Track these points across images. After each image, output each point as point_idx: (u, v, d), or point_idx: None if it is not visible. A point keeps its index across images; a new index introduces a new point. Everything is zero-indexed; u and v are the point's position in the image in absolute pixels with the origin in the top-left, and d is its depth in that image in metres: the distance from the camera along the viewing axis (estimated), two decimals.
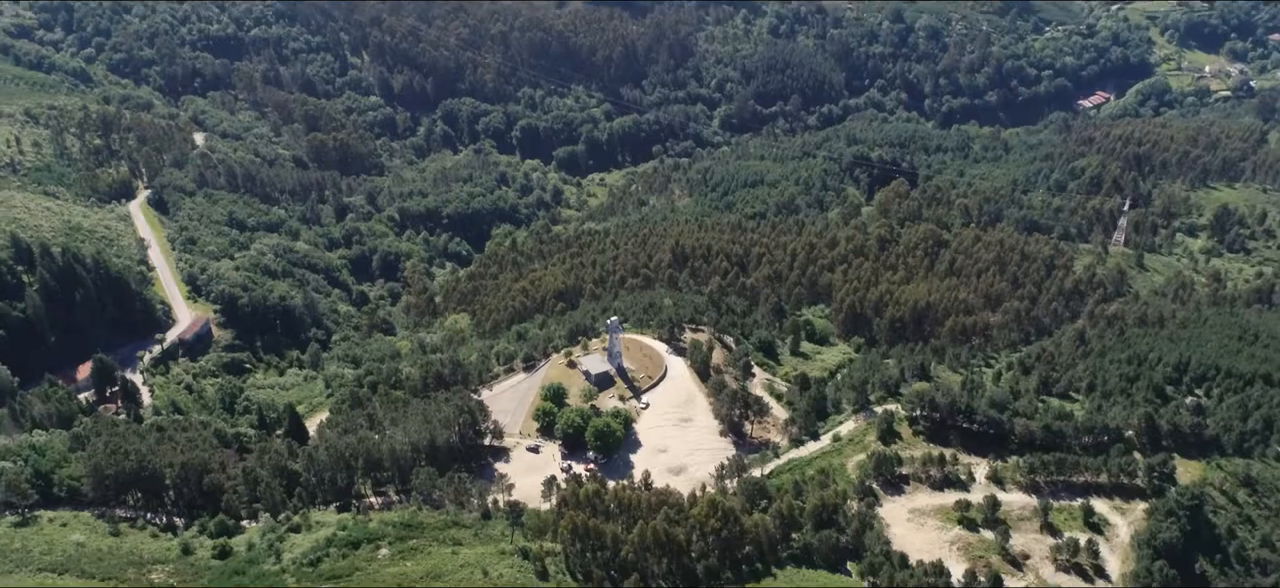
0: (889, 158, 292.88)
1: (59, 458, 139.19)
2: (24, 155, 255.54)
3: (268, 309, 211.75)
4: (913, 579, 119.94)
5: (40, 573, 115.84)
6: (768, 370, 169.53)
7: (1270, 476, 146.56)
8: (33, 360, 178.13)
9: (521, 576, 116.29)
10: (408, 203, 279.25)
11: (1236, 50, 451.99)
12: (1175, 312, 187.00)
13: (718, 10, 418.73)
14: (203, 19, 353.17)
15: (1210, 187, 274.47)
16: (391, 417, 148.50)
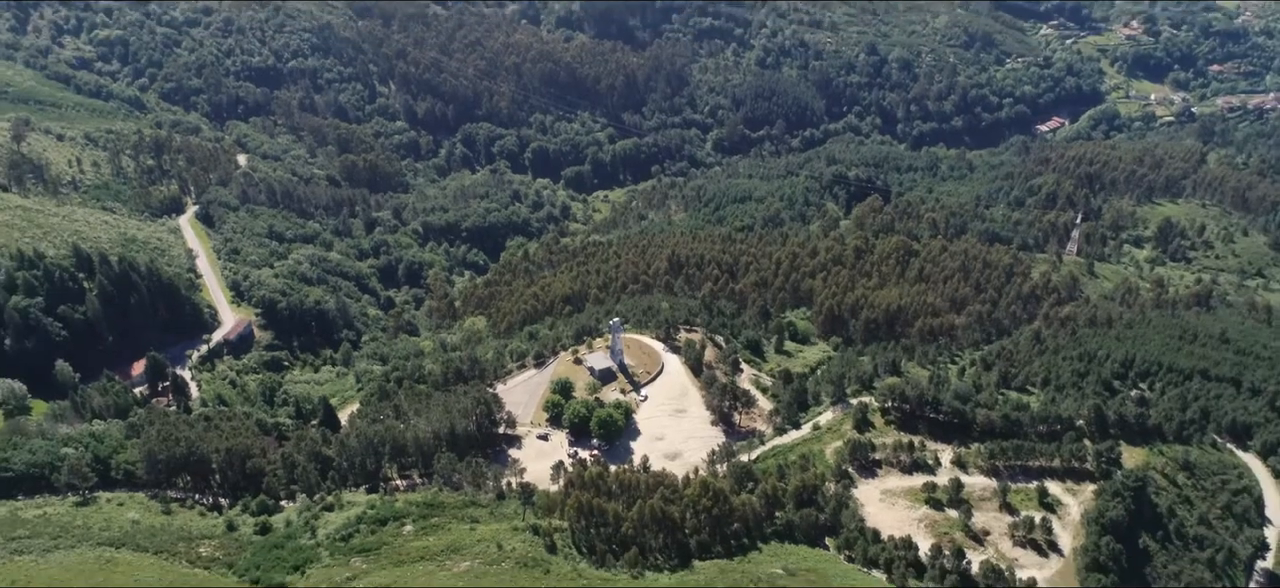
0: (865, 176, 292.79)
1: (116, 445, 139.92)
2: (84, 174, 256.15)
3: (304, 312, 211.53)
4: (884, 553, 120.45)
5: (99, 547, 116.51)
6: (754, 367, 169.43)
7: (1207, 461, 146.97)
8: (92, 359, 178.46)
9: (532, 549, 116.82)
10: (430, 217, 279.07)
11: (1179, 80, 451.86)
12: (1122, 314, 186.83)
13: (710, 44, 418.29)
14: (245, 52, 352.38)
15: (1155, 202, 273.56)
16: (415, 408, 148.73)
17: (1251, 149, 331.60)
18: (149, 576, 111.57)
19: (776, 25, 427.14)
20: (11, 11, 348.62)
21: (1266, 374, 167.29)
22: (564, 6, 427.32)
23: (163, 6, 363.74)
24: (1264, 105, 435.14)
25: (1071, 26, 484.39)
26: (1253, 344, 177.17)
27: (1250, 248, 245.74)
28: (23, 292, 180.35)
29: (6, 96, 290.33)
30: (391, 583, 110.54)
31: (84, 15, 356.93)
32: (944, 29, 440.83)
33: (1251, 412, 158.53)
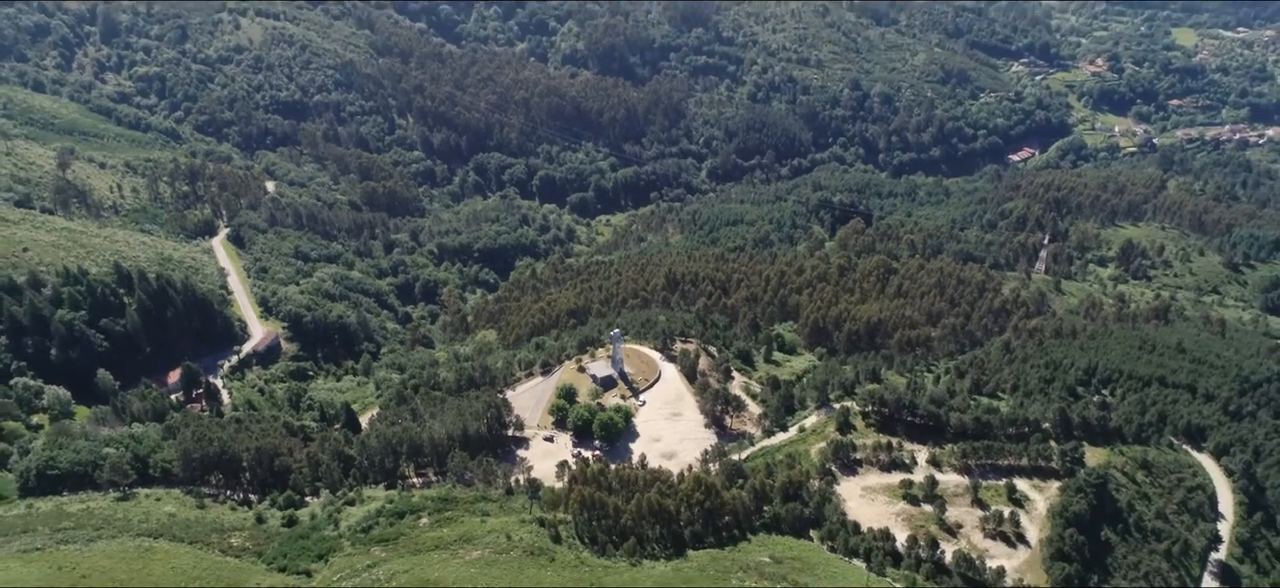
0: (848, 201, 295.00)
1: (154, 445, 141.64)
2: (124, 199, 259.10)
3: (328, 326, 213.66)
4: (864, 543, 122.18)
5: (139, 538, 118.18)
6: (745, 374, 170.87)
7: (1163, 460, 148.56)
8: (131, 368, 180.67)
9: (539, 539, 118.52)
10: (444, 239, 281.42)
11: (1142, 113, 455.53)
12: (1086, 326, 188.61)
13: (705, 80, 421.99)
14: (274, 87, 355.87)
15: (1118, 225, 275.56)
16: (431, 411, 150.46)
17: (1208, 176, 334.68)
18: (184, 563, 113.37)
19: (767, 63, 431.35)
20: (58, 50, 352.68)
21: (1220, 381, 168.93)
22: (569, 45, 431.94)
23: (198, 45, 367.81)
24: (1220, 136, 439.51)
25: (1041, 64, 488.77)
26: (1207, 354, 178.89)
27: (1206, 267, 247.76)
28: (68, 306, 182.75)
29: (53, 128, 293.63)
30: (408, 569, 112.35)
31: (124, 53, 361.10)
32: (922, 66, 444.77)
33: (1205, 416, 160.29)
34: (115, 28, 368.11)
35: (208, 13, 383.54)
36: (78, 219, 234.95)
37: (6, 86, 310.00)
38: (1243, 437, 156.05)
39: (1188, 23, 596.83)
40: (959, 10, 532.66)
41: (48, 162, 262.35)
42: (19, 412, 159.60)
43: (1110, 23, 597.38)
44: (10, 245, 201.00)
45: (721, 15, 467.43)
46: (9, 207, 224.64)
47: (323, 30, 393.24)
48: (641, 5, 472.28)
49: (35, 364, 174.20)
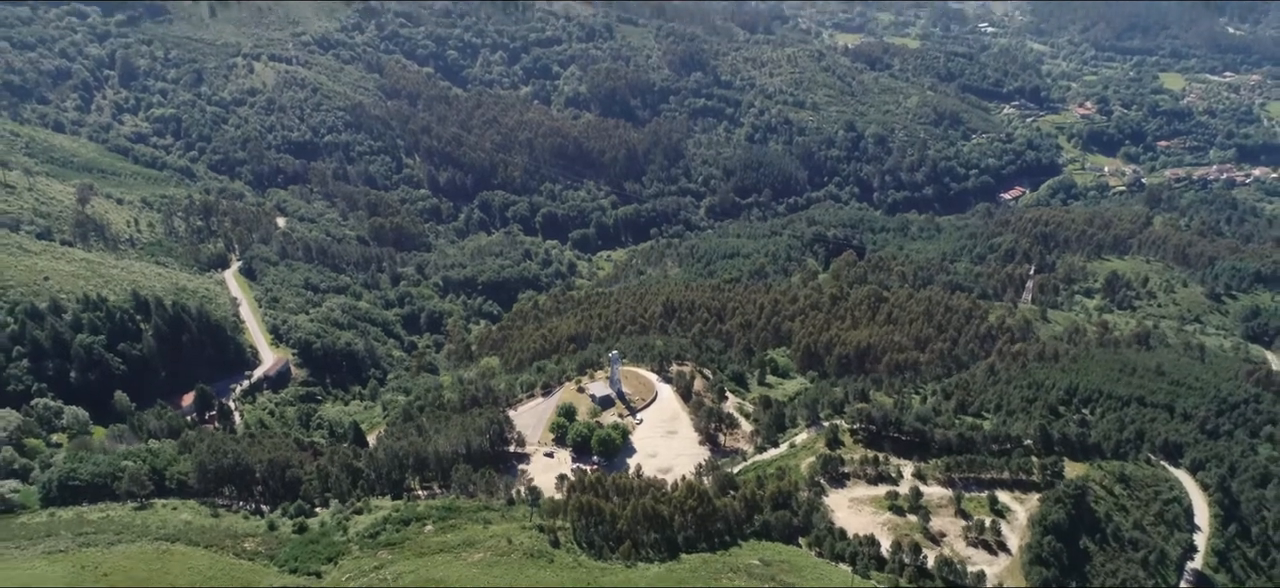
0: (842, 236, 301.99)
1: (170, 458, 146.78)
2: (141, 233, 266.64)
3: (336, 353, 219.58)
4: (850, 548, 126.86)
5: (157, 541, 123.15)
6: (738, 396, 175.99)
7: (1141, 475, 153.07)
8: (147, 390, 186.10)
9: (538, 543, 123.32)
10: (450, 272, 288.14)
11: (1130, 154, 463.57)
12: (1068, 350, 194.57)
13: (704, 121, 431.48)
14: (286, 128, 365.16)
15: (1104, 258, 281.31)
16: (435, 427, 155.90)
17: (1193, 213, 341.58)
18: (201, 564, 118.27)
19: (764, 105, 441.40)
20: (77, 93, 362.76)
21: (1197, 402, 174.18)
22: (572, 88, 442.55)
23: (213, 88, 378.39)
24: (1208, 176, 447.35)
25: (1031, 107, 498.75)
26: (1186, 376, 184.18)
27: (1189, 297, 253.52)
28: (87, 330, 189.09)
29: (72, 165, 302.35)
30: (414, 570, 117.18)
31: (142, 96, 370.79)
32: (915, 109, 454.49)
33: (1183, 433, 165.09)
34: (134, 72, 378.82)
35: (223, 57, 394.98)
36: (96, 251, 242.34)
37: (29, 127, 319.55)
38: (1219, 453, 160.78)
39: (1176, 68, 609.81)
40: (951, 56, 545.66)
41: (68, 197, 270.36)
42: (40, 430, 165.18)
43: (1100, 68, 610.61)
44: (32, 274, 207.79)
45: (720, 60, 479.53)
46: (31, 238, 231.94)
47: (333, 74, 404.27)
48: (642, 51, 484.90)
49: (55, 386, 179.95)
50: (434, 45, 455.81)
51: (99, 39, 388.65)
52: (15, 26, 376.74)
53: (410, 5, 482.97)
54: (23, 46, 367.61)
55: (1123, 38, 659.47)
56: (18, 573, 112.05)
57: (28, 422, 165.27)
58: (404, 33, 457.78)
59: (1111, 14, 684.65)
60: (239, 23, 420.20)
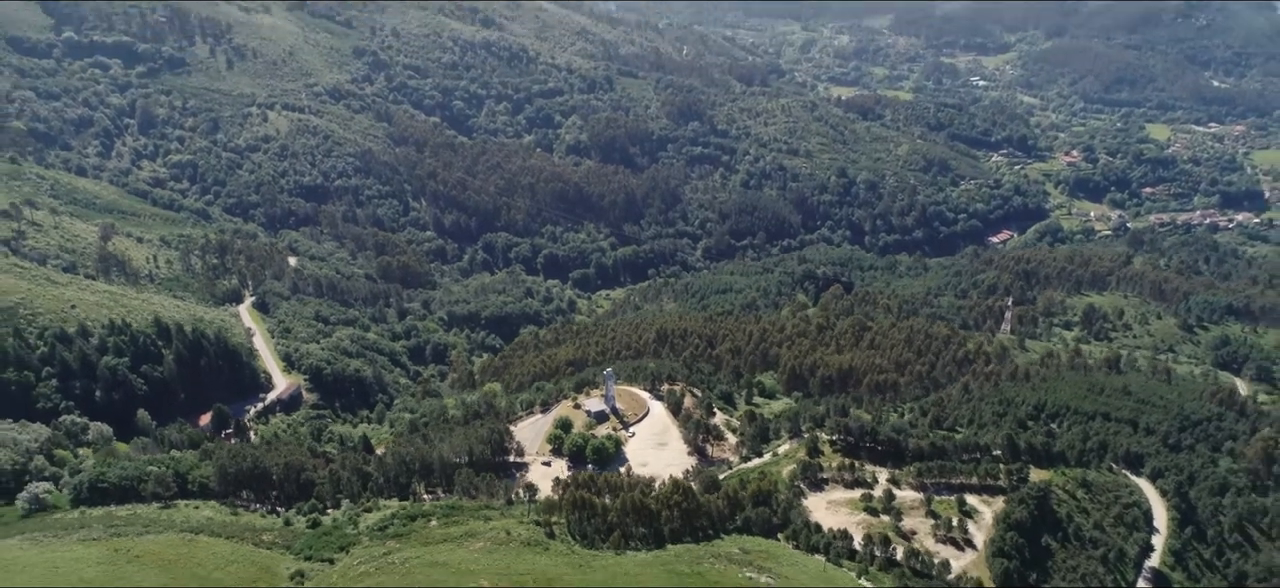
0: (832, 273, 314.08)
1: (192, 464, 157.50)
2: (160, 269, 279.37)
3: (345, 379, 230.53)
4: (824, 541, 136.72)
5: (182, 532, 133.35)
6: (726, 413, 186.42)
7: (1102, 481, 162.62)
8: (166, 410, 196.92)
9: (535, 535, 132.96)
10: (454, 308, 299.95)
11: (1116, 200, 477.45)
12: (1040, 372, 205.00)
13: (701, 168, 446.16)
14: (297, 173, 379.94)
15: (1083, 294, 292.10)
16: (440, 437, 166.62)
17: (1174, 253, 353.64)
18: (223, 551, 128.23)
19: (758, 153, 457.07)
20: (99, 140, 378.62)
21: (1161, 418, 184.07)
22: (573, 137, 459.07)
23: (228, 136, 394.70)
24: (1192, 221, 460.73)
25: (1019, 155, 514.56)
26: (1152, 396, 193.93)
27: (1162, 329, 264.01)
28: (113, 353, 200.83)
29: (94, 207, 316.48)
30: (419, 555, 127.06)
31: (160, 143, 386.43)
32: (905, 156, 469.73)
33: (1145, 446, 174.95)
34: (153, 120, 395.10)
35: (238, 107, 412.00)
36: (118, 284, 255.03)
37: (53, 171, 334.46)
38: (1179, 465, 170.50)
39: (1161, 119, 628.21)
40: (941, 106, 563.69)
41: (91, 235, 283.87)
42: (67, 443, 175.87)
43: (1088, 119, 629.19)
44: (60, 303, 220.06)
45: (716, 110, 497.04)
46: (58, 271, 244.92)
47: (344, 122, 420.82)
48: (641, 101, 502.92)
49: (82, 404, 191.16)
50: (441, 96, 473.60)
51: (120, 90, 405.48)
52: (41, 77, 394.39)
53: (419, 60, 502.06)
54: (48, 96, 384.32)
55: (1110, 90, 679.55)
56: (57, 555, 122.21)
57: (56, 435, 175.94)
58: (412, 84, 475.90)
59: (1100, 68, 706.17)
60: (254, 74, 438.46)
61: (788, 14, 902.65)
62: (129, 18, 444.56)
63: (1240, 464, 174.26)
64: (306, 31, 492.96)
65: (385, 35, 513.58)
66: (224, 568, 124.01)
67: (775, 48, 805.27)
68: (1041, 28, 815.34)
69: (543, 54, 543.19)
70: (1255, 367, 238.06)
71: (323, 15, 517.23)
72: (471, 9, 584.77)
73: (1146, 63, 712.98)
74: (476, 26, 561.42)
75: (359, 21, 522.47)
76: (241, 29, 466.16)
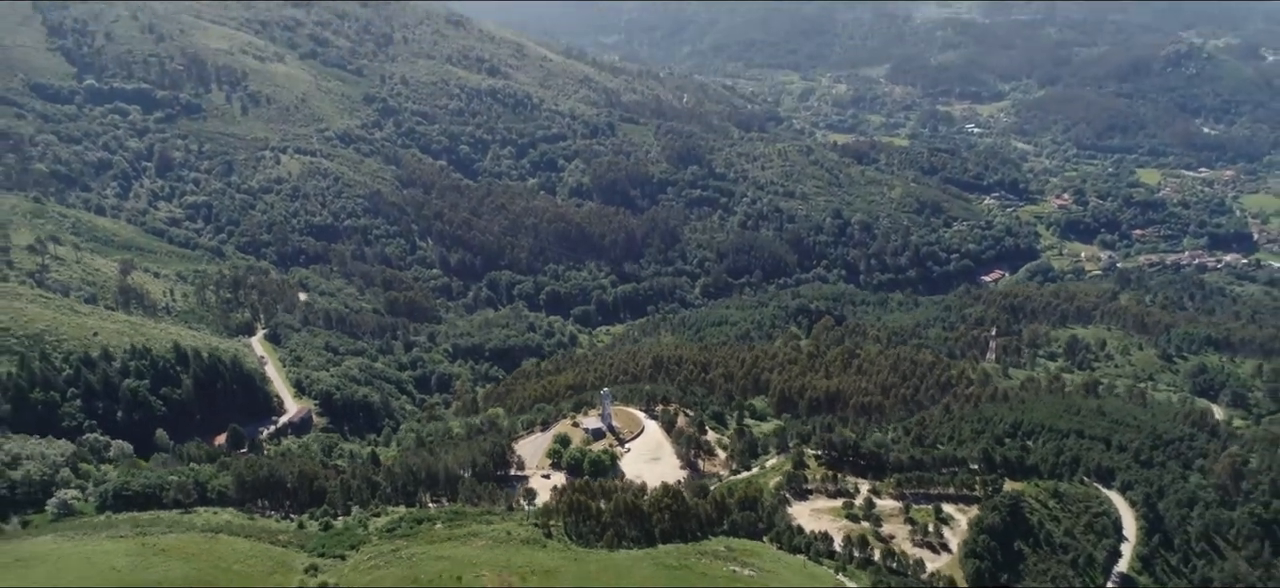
0: (825, 308, 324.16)
1: (211, 475, 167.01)
2: (176, 302, 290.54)
3: (354, 404, 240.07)
4: (805, 541, 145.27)
5: (204, 532, 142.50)
6: (717, 431, 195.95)
7: (1074, 492, 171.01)
8: (185, 430, 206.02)
9: (533, 534, 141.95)
10: (459, 340, 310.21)
11: (1106, 241, 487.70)
12: (1019, 394, 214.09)
13: (700, 210, 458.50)
14: (308, 213, 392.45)
15: (1068, 326, 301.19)
16: (445, 450, 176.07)
17: (1160, 290, 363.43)
18: (243, 548, 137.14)
19: (755, 195, 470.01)
20: (117, 182, 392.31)
21: (1134, 436, 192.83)
22: (576, 180, 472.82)
23: (242, 178, 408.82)
24: (1180, 261, 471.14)
25: (1011, 198, 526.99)
26: (1126, 417, 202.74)
27: (1143, 359, 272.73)
28: (133, 376, 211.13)
29: (114, 244, 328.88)
30: (425, 552, 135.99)
31: (176, 185, 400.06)
32: (899, 198, 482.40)
33: (1117, 461, 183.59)
34: (170, 163, 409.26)
35: (252, 151, 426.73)
36: (137, 315, 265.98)
37: (74, 210, 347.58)
38: (1149, 479, 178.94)
39: (1153, 164, 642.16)
40: (934, 151, 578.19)
41: (111, 270, 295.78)
42: (91, 458, 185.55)
43: (1081, 165, 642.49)
44: (83, 330, 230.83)
45: (715, 154, 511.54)
46: (80, 302, 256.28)
47: (354, 165, 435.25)
48: (642, 146, 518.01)
49: (104, 423, 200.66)
50: (448, 141, 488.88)
51: (139, 134, 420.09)
52: (63, 122, 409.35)
53: (427, 106, 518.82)
54: (70, 140, 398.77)
55: (1103, 137, 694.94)
56: (89, 548, 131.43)
57: (81, 451, 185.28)
58: (420, 129, 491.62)
59: (1092, 115, 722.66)
60: (268, 120, 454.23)
61: (787, 64, 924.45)
62: (148, 66, 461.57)
63: (1209, 480, 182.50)
64: (319, 79, 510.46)
65: (395, 83, 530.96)
66: (243, 562, 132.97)
67: (774, 96, 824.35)
68: (1035, 77, 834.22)
69: (547, 101, 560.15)
70: (1231, 393, 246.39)
71: (334, 64, 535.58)
72: (478, 59, 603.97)
73: (1137, 110, 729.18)
74: (483, 75, 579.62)
75: (369, 70, 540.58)
76: (256, 77, 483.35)
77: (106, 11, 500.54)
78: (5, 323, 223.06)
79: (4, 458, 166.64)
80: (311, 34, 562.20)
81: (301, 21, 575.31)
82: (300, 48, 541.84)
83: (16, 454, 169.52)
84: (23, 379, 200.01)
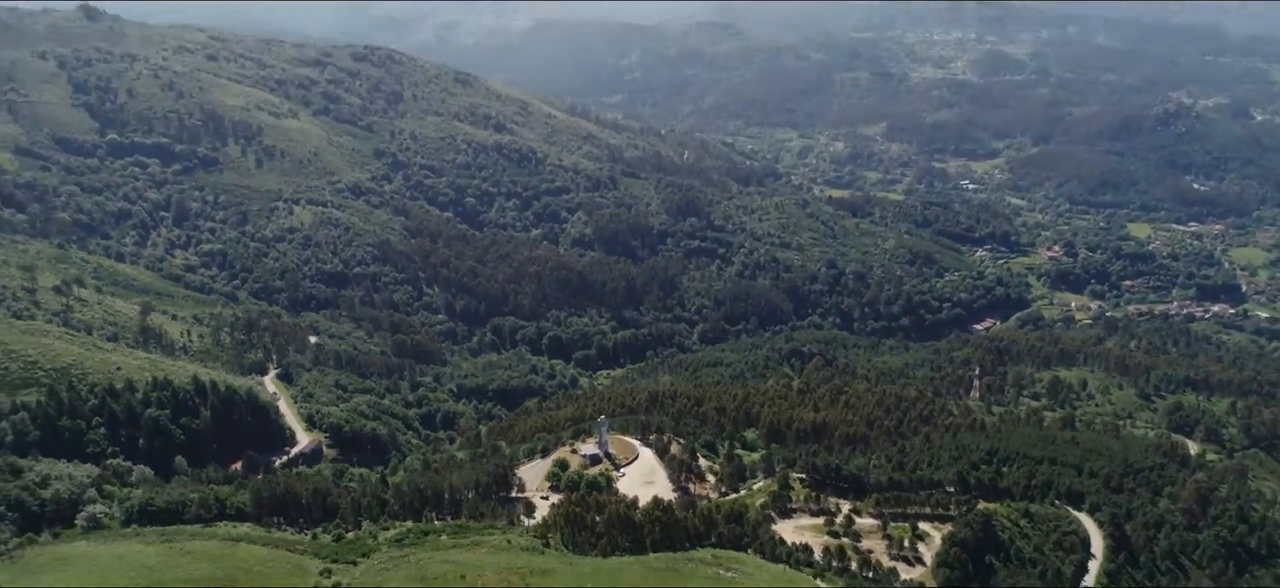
0: (817, 351, 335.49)
1: (229, 493, 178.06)
2: (193, 342, 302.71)
3: (363, 436, 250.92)
4: (787, 552, 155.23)
5: (224, 541, 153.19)
6: (709, 459, 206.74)
7: (1044, 512, 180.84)
8: (202, 457, 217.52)
9: (532, 543, 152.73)
10: (463, 381, 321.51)
11: (1096, 291, 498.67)
12: (997, 425, 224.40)
13: (698, 260, 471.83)
14: (319, 261, 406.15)
15: (1052, 369, 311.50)
16: (450, 471, 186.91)
17: (1145, 337, 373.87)
18: (261, 553, 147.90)
19: (753, 246, 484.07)
20: (136, 231, 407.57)
21: (1104, 464, 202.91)
22: (578, 231, 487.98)
23: (256, 227, 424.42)
24: (1168, 311, 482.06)
25: (1002, 250, 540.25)
26: (1099, 447, 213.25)
27: (1123, 398, 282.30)
28: (155, 406, 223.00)
29: (133, 288, 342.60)
30: (432, 557, 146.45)
31: (192, 233, 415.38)
32: (892, 249, 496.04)
33: (1086, 486, 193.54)
34: (186, 213, 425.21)
35: (266, 202, 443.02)
36: (156, 353, 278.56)
37: (96, 256, 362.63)
38: (1118, 503, 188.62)
39: (1144, 219, 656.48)
40: (927, 205, 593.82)
41: (131, 311, 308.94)
42: (114, 481, 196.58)
43: (1073, 220, 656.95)
44: (107, 365, 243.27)
45: (714, 207, 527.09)
46: (103, 339, 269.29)
47: (364, 216, 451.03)
48: (643, 199, 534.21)
49: (126, 450, 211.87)
50: (455, 193, 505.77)
51: (158, 186, 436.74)
52: (85, 174, 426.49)
53: (434, 160, 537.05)
54: (92, 191, 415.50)
55: (1095, 193, 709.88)
56: (121, 549, 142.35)
57: (105, 474, 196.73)
58: (428, 182, 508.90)
59: (1084, 172, 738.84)
60: (282, 172, 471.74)
61: (786, 123, 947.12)
62: (168, 121, 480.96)
63: (1177, 505, 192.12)
64: (331, 134, 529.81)
65: (404, 138, 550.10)
66: (263, 565, 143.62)
67: (773, 153, 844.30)
68: (1028, 135, 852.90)
69: (551, 156, 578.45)
70: (1206, 429, 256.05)
71: (346, 119, 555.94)
72: (485, 116, 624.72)
73: (1129, 167, 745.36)
74: (489, 131, 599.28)
75: (380, 126, 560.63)
76: (271, 132, 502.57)
77: (129, 70, 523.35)
78: (35, 357, 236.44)
79: (35, 478, 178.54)
80: (324, 92, 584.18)
81: (315, 80, 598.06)
82: (313, 104, 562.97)
83: (46, 475, 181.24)
84: (51, 408, 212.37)
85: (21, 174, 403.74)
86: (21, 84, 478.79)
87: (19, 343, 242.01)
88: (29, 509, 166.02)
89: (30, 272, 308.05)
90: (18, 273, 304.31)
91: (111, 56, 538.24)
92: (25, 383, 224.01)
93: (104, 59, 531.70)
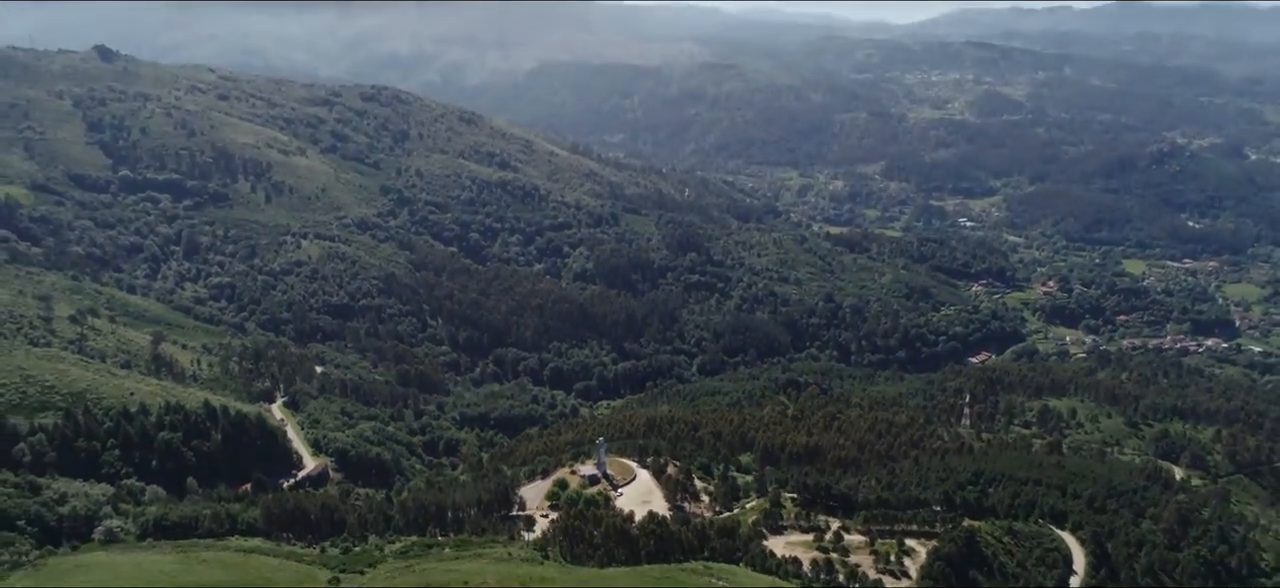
0: (813, 380, 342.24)
1: (240, 510, 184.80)
2: (202, 371, 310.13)
3: (367, 461, 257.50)
4: (776, 564, 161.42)
5: (237, 551, 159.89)
6: (704, 481, 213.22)
7: (1027, 530, 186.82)
8: (212, 480, 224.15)
9: (531, 555, 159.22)
10: (466, 409, 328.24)
11: (1090, 326, 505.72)
12: (984, 449, 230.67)
13: (697, 294, 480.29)
14: (326, 293, 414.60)
15: (1043, 399, 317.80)
16: (453, 489, 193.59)
17: (1137, 369, 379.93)
18: (273, 562, 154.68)
19: (751, 280, 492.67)
20: (147, 264, 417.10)
21: (1088, 485, 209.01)
22: (580, 265, 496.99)
23: (264, 261, 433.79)
24: (1162, 344, 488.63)
25: (998, 285, 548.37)
26: (1084, 470, 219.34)
27: (1111, 426, 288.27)
28: (168, 429, 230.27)
29: (145, 318, 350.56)
30: (435, 567, 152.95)
31: (202, 267, 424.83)
32: (889, 283, 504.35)
33: (1070, 506, 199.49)
34: (196, 247, 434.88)
35: (274, 236, 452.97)
36: (167, 380, 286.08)
37: (108, 288, 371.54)
38: (1100, 522, 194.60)
39: (1139, 256, 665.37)
40: (924, 241, 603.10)
41: (143, 340, 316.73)
42: (129, 499, 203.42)
43: (1069, 256, 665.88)
44: (121, 390, 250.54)
45: (713, 243, 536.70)
46: (117, 367, 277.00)
47: (370, 250, 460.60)
48: (643, 235, 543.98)
49: (139, 471, 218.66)
50: (459, 228, 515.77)
51: (169, 220, 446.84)
52: (99, 209, 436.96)
53: (439, 197, 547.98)
54: (104, 225, 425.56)
55: (1091, 230, 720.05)
56: (139, 558, 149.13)
57: (119, 493, 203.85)
58: (433, 218, 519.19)
59: (1080, 210, 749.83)
60: (290, 208, 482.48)
61: (786, 162, 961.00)
62: (180, 158, 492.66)
63: (1159, 525, 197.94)
64: (338, 171, 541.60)
65: (410, 175, 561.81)
66: (275, 573, 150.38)
67: (773, 192, 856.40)
68: (1025, 173, 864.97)
69: (554, 193, 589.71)
70: (1191, 455, 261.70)
71: (353, 157, 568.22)
72: (489, 153, 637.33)
73: (1124, 205, 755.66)
74: (493, 168, 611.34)
75: (386, 163, 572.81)
76: (280, 168, 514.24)
77: (142, 109, 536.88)
78: (52, 382, 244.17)
79: (53, 496, 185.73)
80: (332, 130, 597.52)
81: (323, 119, 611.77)
82: (321, 142, 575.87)
83: (63, 493, 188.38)
84: (68, 430, 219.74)
85: (37, 208, 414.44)
86: (38, 122, 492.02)
87: (36, 368, 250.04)
88: (47, 524, 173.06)
89: (47, 302, 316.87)
90: (35, 303, 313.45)
91: (125, 96, 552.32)
92: (43, 406, 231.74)
93: (118, 98, 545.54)
